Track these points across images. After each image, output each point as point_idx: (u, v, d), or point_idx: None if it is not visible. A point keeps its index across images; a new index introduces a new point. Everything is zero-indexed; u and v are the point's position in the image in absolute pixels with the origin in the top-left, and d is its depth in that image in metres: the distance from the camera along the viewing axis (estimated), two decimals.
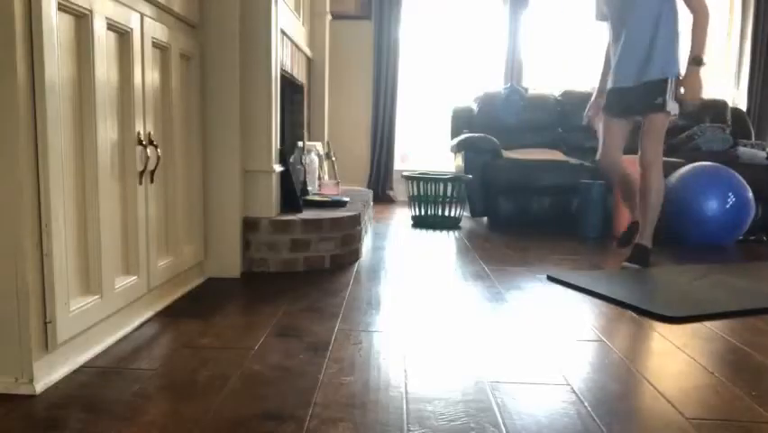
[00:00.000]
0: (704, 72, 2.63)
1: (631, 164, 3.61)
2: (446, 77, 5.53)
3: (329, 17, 4.21)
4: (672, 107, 2.65)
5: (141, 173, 1.72)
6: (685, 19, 2.69)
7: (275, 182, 2.52)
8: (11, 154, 1.21)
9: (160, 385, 1.34)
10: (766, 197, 3.83)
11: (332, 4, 4.40)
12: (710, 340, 1.77)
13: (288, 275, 2.43)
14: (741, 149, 4.12)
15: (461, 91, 5.24)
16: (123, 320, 1.67)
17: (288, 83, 3.15)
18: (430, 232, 3.77)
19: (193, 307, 1.97)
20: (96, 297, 1.50)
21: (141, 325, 1.76)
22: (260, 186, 2.44)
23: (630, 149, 4.56)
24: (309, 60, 3.90)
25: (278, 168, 2.52)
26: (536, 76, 5.40)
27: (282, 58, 2.71)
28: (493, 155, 4.07)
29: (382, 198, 5.37)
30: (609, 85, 2.86)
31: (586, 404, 1.31)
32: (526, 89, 4.77)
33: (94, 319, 1.49)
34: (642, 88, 2.68)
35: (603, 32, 2.99)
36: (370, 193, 4.14)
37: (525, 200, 4.04)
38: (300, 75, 3.42)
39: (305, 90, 3.68)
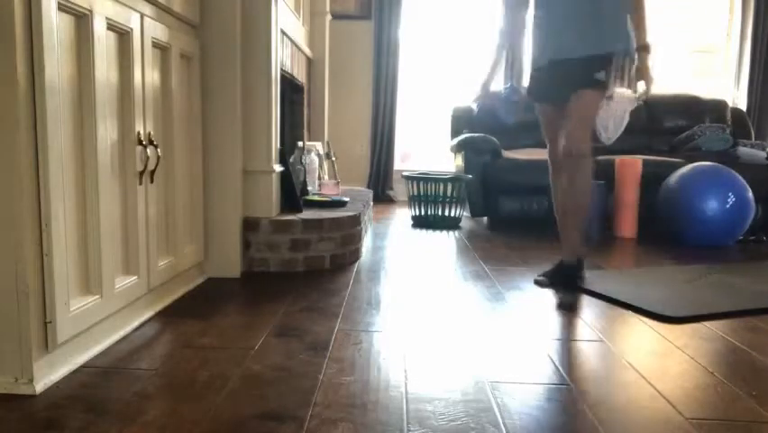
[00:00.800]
0: (703, 71, 2.53)
1: (630, 165, 3.63)
2: (446, 77, 5.53)
3: (329, 17, 4.21)
4: (612, 89, 2.24)
5: (141, 173, 1.72)
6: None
7: (275, 182, 2.52)
8: (11, 154, 1.21)
9: (160, 385, 1.34)
10: (766, 197, 3.83)
11: (332, 4, 4.40)
12: (710, 340, 1.77)
13: (288, 275, 2.43)
14: (741, 149, 4.12)
15: (461, 91, 5.24)
16: (123, 320, 1.67)
17: (288, 83, 3.15)
18: (430, 232, 3.77)
19: (193, 307, 1.97)
20: (96, 297, 1.50)
21: (142, 325, 1.76)
22: (260, 186, 2.44)
23: (631, 149, 4.51)
24: (309, 60, 3.90)
25: (278, 168, 2.52)
26: None
27: (282, 58, 2.71)
28: (493, 155, 4.07)
29: (382, 197, 5.37)
30: (537, 63, 2.38)
31: (586, 404, 1.31)
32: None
33: (94, 319, 1.49)
34: (583, 62, 2.22)
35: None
36: (370, 193, 4.13)
37: (526, 200, 4.04)
38: (300, 75, 3.42)
39: (305, 90, 3.68)
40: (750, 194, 3.39)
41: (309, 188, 3.18)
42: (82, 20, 1.42)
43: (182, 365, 1.46)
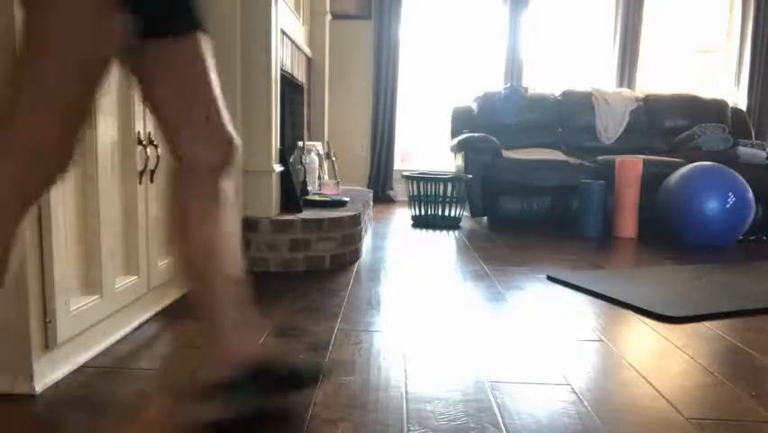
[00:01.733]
0: (703, 71, 2.48)
1: (631, 165, 3.63)
2: (446, 77, 5.53)
3: (329, 17, 4.21)
4: None
5: (142, 173, 1.72)
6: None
7: (275, 182, 2.52)
8: None
9: (160, 385, 1.34)
10: (766, 197, 3.83)
11: (332, 4, 4.40)
12: (710, 340, 1.77)
13: (287, 275, 2.43)
14: (741, 149, 4.12)
15: (461, 91, 5.24)
16: (123, 320, 1.67)
17: (288, 83, 3.15)
18: (430, 232, 3.77)
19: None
20: (97, 297, 1.50)
21: (142, 325, 1.76)
22: (260, 186, 2.44)
23: (631, 149, 4.52)
24: (309, 60, 3.90)
25: (278, 168, 2.52)
26: (536, 76, 5.40)
27: (282, 58, 2.71)
28: (493, 155, 4.07)
29: (382, 197, 5.37)
30: None
31: (586, 404, 1.31)
32: (526, 89, 4.77)
33: (94, 319, 1.49)
34: None
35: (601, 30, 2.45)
36: (370, 193, 4.14)
37: (526, 200, 4.04)
38: (300, 75, 3.42)
39: (305, 90, 3.68)
40: (750, 194, 3.39)
41: (309, 188, 3.18)
42: None
43: (182, 365, 1.46)
